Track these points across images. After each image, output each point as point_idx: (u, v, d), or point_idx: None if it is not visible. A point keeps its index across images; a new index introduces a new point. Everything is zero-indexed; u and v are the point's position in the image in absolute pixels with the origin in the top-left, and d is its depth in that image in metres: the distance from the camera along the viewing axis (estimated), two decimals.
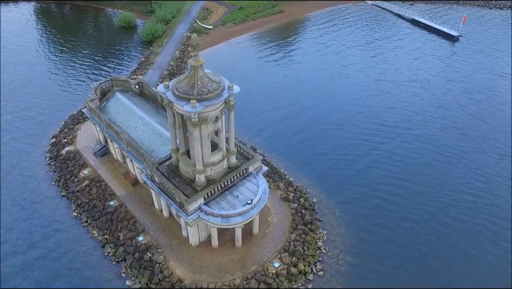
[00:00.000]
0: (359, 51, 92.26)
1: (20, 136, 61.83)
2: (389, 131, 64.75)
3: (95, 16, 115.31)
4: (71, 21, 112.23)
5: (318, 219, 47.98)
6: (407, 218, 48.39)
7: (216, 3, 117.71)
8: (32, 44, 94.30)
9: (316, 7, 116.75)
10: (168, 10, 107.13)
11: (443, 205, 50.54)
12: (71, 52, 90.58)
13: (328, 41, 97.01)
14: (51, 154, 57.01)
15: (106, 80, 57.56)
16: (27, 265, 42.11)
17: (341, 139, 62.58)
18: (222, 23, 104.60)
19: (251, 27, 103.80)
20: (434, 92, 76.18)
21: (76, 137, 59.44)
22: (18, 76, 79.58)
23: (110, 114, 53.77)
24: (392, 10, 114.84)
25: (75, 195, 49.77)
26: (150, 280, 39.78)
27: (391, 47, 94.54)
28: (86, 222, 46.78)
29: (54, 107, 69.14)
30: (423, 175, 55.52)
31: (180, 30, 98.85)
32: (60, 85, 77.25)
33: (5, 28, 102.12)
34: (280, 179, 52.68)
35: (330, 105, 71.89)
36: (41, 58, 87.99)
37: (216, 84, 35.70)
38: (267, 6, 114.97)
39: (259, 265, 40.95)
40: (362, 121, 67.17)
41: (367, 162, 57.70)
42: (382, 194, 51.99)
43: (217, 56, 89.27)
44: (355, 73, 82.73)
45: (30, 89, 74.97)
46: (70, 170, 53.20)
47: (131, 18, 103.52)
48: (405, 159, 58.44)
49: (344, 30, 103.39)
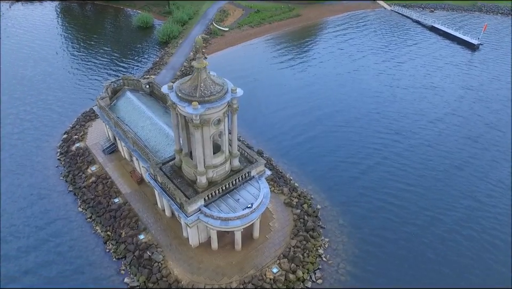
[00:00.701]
0: (374, 56, 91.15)
1: (34, 129, 63.59)
2: (399, 137, 63.67)
3: (115, 15, 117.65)
4: (92, 19, 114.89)
5: (320, 226, 47.40)
6: (413, 230, 47.27)
7: (233, 5, 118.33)
8: (54, 41, 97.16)
9: (333, 12, 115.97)
10: (185, 11, 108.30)
11: (451, 214, 49.29)
12: (91, 49, 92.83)
13: (343, 46, 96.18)
14: (61, 149, 58.24)
15: (117, 79, 58.57)
16: (28, 257, 43.15)
17: (350, 145, 61.75)
18: (238, 25, 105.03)
19: (267, 30, 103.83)
20: (449, 100, 74.51)
21: (87, 134, 60.59)
22: (38, 71, 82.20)
23: (119, 112, 54.57)
24: (411, 17, 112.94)
25: (81, 191, 50.66)
26: (148, 279, 40.06)
27: (407, 53, 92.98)
28: (90, 218, 47.52)
29: (69, 103, 70.82)
30: (432, 183, 54.29)
31: (196, 31, 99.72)
32: (78, 80, 79.34)
33: (28, 24, 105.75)
34: (285, 184, 52.32)
35: (341, 109, 71.08)
36: (61, 54, 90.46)
37: (219, 87, 35.73)
38: (284, 10, 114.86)
39: (257, 269, 40.69)
40: (373, 126, 66.24)
41: (376, 169, 56.77)
42: (388, 203, 50.97)
43: (230, 57, 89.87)
44: (368, 78, 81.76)
45: (49, 84, 77.21)
46: (79, 166, 54.20)
47: (148, 19, 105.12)
48: (414, 166, 57.35)
49: (360, 35, 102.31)
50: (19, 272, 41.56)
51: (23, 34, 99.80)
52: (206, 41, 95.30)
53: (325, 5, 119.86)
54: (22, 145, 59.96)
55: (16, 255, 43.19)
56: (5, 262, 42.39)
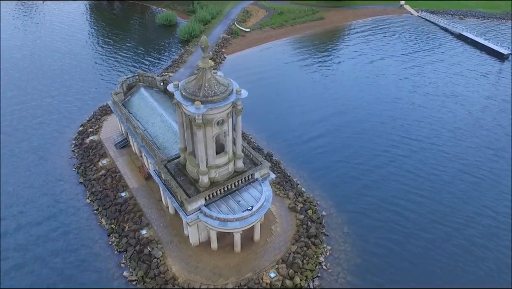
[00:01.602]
0: (395, 62, 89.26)
1: (53, 120, 66.12)
2: (414, 145, 62.10)
3: (141, 13, 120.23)
4: (119, 16, 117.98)
5: (324, 233, 46.56)
6: (421, 243, 45.66)
7: (257, 6, 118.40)
8: (82, 35, 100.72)
9: (357, 16, 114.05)
10: (209, 11, 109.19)
11: (464, 230, 47.40)
12: (116, 44, 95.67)
13: (365, 50, 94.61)
14: (76, 141, 59.85)
15: (133, 75, 59.58)
16: (34, 244, 44.57)
17: (363, 151, 60.60)
18: (260, 26, 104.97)
19: (288, 32, 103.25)
20: (471, 109, 71.85)
21: (101, 127, 61.99)
22: (64, 63, 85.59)
23: (132, 108, 55.53)
24: (439, 24, 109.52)
25: (91, 183, 51.82)
26: (146, 274, 40.47)
27: (431, 60, 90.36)
28: (97, 210, 48.52)
29: (89, 96, 73.08)
30: (445, 195, 52.47)
31: (217, 31, 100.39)
32: (101, 74, 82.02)
33: (59, 19, 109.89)
34: (291, 189, 51.72)
35: (357, 113, 70.00)
36: (88, 48, 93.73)
37: (223, 87, 35.68)
38: (307, 13, 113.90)
39: (254, 273, 40.36)
40: (388, 133, 64.87)
41: (388, 177, 55.50)
42: (397, 213, 49.55)
43: (249, 58, 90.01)
44: (387, 84, 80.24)
45: (73, 76, 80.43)
46: (90, 159, 55.50)
47: (172, 17, 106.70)
48: (427, 175, 55.78)
49: (383, 40, 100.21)
50: (23, 257, 43.01)
51: (54, 28, 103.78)
52: (226, 41, 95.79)
53: (349, 9, 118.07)
54: (40, 134, 62.32)
55: (21, 244, 44.64)
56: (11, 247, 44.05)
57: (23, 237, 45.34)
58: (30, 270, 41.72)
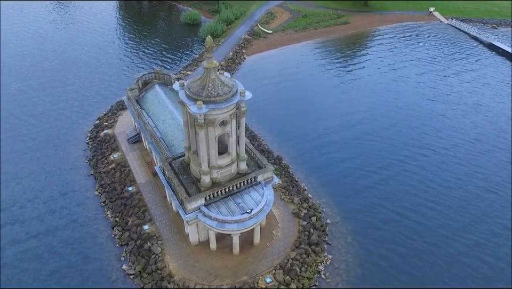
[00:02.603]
0: (418, 69, 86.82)
1: (72, 111, 68.05)
2: (430, 155, 60.21)
3: (168, 11, 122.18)
4: (146, 14, 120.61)
5: (326, 242, 45.63)
6: (426, 257, 44.00)
7: (282, 8, 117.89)
8: (110, 30, 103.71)
9: (384, 22, 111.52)
10: (233, 11, 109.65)
11: (473, 246, 45.42)
12: (143, 40, 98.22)
13: (387, 56, 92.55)
14: (91, 134, 61.40)
15: (149, 72, 60.52)
16: (39, 230, 46.15)
17: (375, 158, 59.29)
18: (283, 28, 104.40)
19: (311, 35, 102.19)
20: (495, 120, 68.94)
21: (116, 122, 63.32)
22: (90, 56, 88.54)
23: (146, 104, 56.39)
24: (469, 32, 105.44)
25: (101, 175, 52.98)
26: (143, 269, 40.93)
27: (456, 68, 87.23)
28: (104, 202, 49.54)
29: (109, 90, 75.00)
30: (458, 208, 50.61)
31: (240, 32, 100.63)
32: (125, 68, 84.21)
33: (90, 15, 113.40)
34: (297, 194, 51.01)
35: (373, 120, 68.45)
36: (114, 43, 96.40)
37: (227, 88, 35.56)
38: (332, 16, 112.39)
39: (251, 276, 40.03)
40: (403, 140, 63.30)
41: (398, 185, 54.18)
42: (404, 225, 48.01)
43: (269, 60, 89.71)
44: (407, 90, 78.29)
45: (98, 69, 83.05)
46: (102, 152, 56.77)
47: (196, 16, 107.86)
48: (441, 188, 53.87)
49: (408, 47, 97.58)
50: (28, 241, 44.57)
51: (84, 23, 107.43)
52: (248, 42, 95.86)
53: (376, 14, 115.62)
54: (60, 124, 64.57)
55: (29, 231, 46.23)
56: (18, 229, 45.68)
57: (29, 223, 47.02)
58: (35, 253, 43.41)
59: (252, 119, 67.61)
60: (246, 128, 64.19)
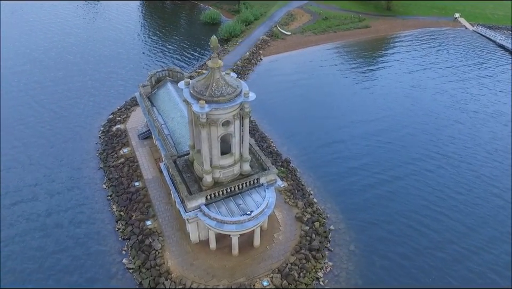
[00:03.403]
0: (437, 74, 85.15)
1: (88, 106, 69.60)
2: (442, 161, 59.07)
3: (190, 10, 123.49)
4: (169, 12, 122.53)
5: (328, 248, 44.92)
6: (432, 270, 42.65)
7: (302, 10, 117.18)
8: (134, 26, 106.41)
9: (406, 27, 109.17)
10: (253, 12, 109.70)
11: (480, 252, 43.89)
12: (164, 37, 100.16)
13: (406, 61, 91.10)
14: (104, 128, 62.56)
15: (163, 69, 61.14)
16: (47, 222, 47.25)
17: (386, 163, 58.39)
18: (302, 30, 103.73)
19: (330, 38, 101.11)
20: None
21: (129, 117, 64.31)
22: (112, 50, 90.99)
23: (157, 101, 56.99)
24: (495, 40, 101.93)
25: (109, 169, 53.90)
26: (143, 264, 41.34)
27: (477, 75, 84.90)
28: (110, 196, 50.35)
29: (126, 85, 76.27)
30: (468, 215, 49.33)
31: (258, 32, 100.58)
32: (144, 64, 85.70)
33: (115, 12, 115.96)
34: (302, 198, 50.44)
35: (386, 124, 67.64)
36: (136, 39, 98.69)
37: (231, 89, 35.45)
38: (353, 20, 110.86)
39: (248, 278, 39.83)
40: (416, 146, 62.32)
41: (407, 192, 53.23)
42: (411, 236, 46.74)
43: (285, 61, 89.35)
44: (425, 96, 76.92)
45: (118, 63, 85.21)
46: (113, 146, 57.75)
47: (216, 15, 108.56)
48: (452, 194, 52.80)
49: (429, 52, 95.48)
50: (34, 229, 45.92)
51: (110, 19, 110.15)
52: (265, 43, 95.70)
53: (398, 19, 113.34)
54: (75, 116, 66.31)
55: (35, 220, 47.62)
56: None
57: (37, 208, 48.71)
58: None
59: (263, 120, 67.57)
60: (256, 129, 64.22)
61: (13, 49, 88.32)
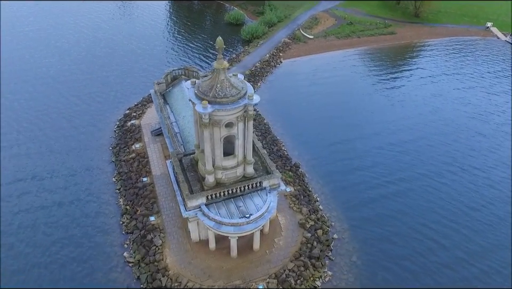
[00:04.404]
0: (462, 84, 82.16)
1: (109, 100, 71.60)
2: (459, 173, 57.38)
3: (216, 10, 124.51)
4: (196, 11, 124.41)
5: (329, 257, 44.10)
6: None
7: (327, 14, 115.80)
8: (161, 24, 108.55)
9: (434, 35, 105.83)
10: (277, 14, 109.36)
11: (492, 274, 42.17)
12: (190, 35, 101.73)
13: (431, 69, 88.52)
14: (120, 123, 64.01)
15: (179, 67, 61.87)
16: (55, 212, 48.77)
17: (399, 173, 56.98)
18: (325, 34, 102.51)
19: (353, 44, 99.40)
20: None
21: (144, 113, 65.48)
22: (137, 46, 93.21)
23: (171, 99, 57.75)
24: None
25: (120, 163, 55.06)
26: (142, 259, 41.95)
27: (505, 88, 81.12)
28: (119, 190, 51.43)
29: (147, 80, 77.65)
30: (483, 233, 47.38)
31: (280, 35, 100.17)
32: (167, 61, 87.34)
33: (144, 12, 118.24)
34: (307, 204, 49.77)
35: (403, 131, 66.32)
36: (162, 36, 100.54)
37: (235, 90, 35.41)
38: (379, 26, 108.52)
39: (244, 281, 39.65)
40: (431, 154, 60.92)
41: (421, 205, 51.71)
42: (416, 252, 45.28)
43: (305, 65, 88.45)
44: (446, 105, 74.85)
45: (142, 58, 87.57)
46: (126, 141, 58.97)
47: (240, 16, 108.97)
48: (466, 209, 50.88)
49: (455, 61, 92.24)
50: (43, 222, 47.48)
51: (139, 17, 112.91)
52: (287, 46, 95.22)
53: (426, 26, 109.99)
54: (92, 110, 68.17)
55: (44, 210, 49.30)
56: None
57: (48, 197, 50.67)
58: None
59: (276, 122, 67.23)
60: (268, 132, 63.94)
61: (51, 42, 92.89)
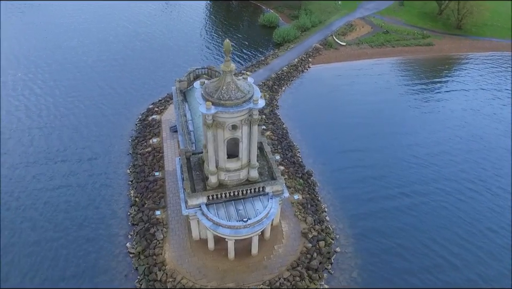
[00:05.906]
0: (500, 101, 78.14)
1: (137, 95, 73.80)
2: (481, 192, 54.65)
3: (253, 11, 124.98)
4: (234, 11, 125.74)
5: (328, 270, 43.14)
6: None
7: (363, 21, 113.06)
8: (198, 23, 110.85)
9: (474, 48, 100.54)
10: (311, 19, 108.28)
11: None
12: (223, 35, 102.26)
13: (466, 84, 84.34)
14: (142, 116, 65.97)
15: (203, 67, 62.81)
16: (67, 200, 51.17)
17: (416, 187, 55.14)
18: (358, 42, 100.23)
19: (386, 53, 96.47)
20: None
21: (166, 109, 67.10)
22: (173, 42, 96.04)
23: (190, 97, 58.73)
24: None
25: (136, 156, 56.77)
26: (143, 251, 43.04)
27: None
28: (131, 182, 53.02)
29: (176, 76, 77.79)
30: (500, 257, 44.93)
31: (312, 40, 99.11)
32: (200, 58, 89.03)
33: (185, 10, 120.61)
34: (313, 214, 48.95)
35: (426, 144, 64.09)
36: (198, 34, 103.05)
37: (241, 94, 35.50)
38: (416, 36, 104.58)
39: (237, 284, 39.71)
40: (454, 170, 58.71)
41: (437, 223, 49.76)
42: (429, 271, 43.64)
43: (333, 72, 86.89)
44: (477, 121, 71.56)
45: (175, 54, 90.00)
46: (145, 135, 60.70)
47: (274, 19, 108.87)
48: (488, 232, 48.55)
49: (495, 77, 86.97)
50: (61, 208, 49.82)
51: (179, 15, 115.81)
52: (317, 51, 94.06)
53: (467, 39, 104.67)
54: (119, 103, 70.73)
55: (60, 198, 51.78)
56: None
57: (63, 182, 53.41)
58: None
59: (295, 128, 66.68)
60: (285, 137, 63.55)
61: (94, 34, 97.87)
